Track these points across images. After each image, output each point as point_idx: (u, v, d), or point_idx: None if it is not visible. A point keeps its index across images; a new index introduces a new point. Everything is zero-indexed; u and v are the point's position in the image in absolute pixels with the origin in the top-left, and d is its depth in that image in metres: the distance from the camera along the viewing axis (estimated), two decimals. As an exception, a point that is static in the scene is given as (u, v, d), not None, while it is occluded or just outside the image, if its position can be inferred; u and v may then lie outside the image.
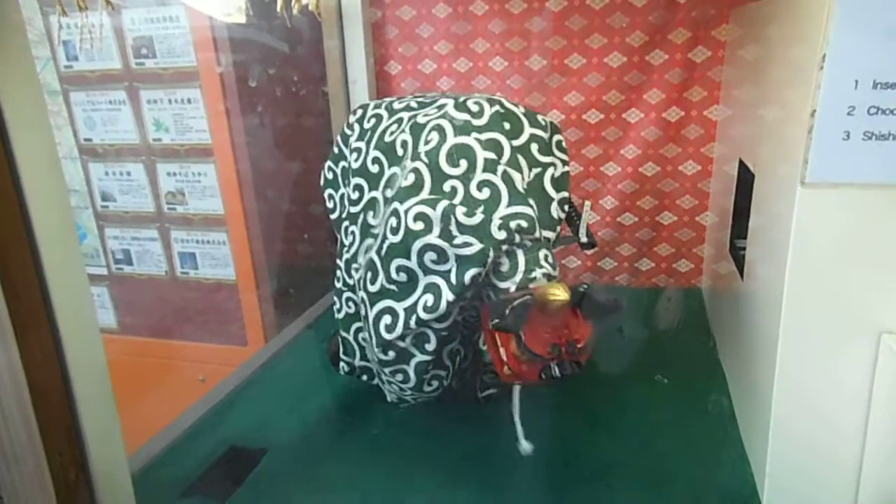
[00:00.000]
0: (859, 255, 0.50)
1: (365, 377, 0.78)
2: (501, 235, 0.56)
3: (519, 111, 0.64)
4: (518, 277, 0.56)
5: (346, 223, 0.73)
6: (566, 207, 0.64)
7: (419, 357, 0.64)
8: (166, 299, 1.49)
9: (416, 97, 0.71)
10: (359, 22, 1.12)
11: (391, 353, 0.64)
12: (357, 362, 0.77)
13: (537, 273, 0.57)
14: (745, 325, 0.72)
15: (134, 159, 1.40)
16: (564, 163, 0.65)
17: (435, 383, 0.68)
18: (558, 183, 0.64)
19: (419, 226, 0.57)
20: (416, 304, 0.60)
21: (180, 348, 1.48)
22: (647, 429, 0.73)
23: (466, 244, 0.56)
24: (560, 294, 0.54)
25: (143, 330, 1.52)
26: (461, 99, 0.63)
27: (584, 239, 0.68)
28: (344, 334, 0.77)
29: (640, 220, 1.13)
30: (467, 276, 0.56)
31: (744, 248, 0.75)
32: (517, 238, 0.57)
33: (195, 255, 1.44)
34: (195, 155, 1.34)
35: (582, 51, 1.05)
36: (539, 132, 0.63)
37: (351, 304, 0.75)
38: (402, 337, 0.62)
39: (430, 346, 0.63)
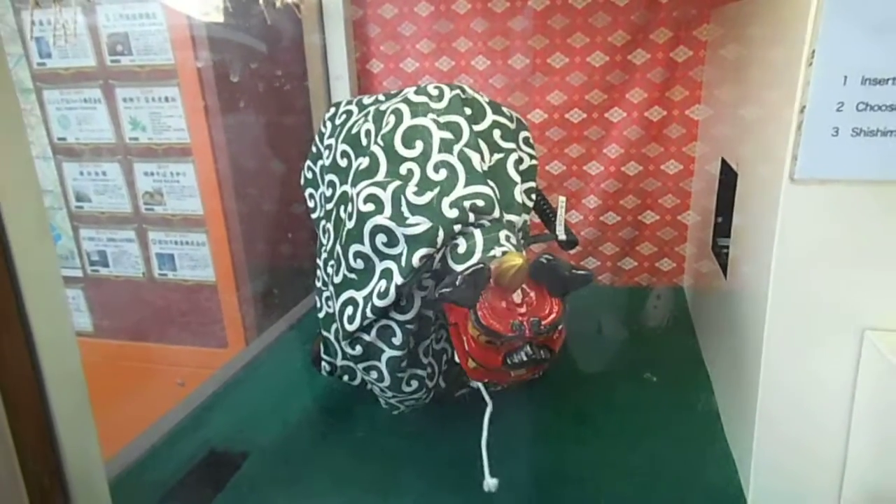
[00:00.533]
0: (844, 252, 0.51)
1: (347, 377, 0.77)
2: (453, 214, 0.54)
3: (482, 99, 0.62)
4: (476, 257, 0.53)
5: (323, 221, 0.72)
6: (534, 196, 0.62)
7: (389, 352, 0.61)
8: (144, 301, 1.46)
9: (390, 93, 0.70)
10: (340, 19, 1.10)
11: (358, 348, 0.61)
12: (339, 362, 0.76)
13: (496, 251, 0.53)
14: (729, 323, 0.73)
15: (110, 159, 1.38)
16: (532, 157, 0.63)
17: (415, 384, 0.65)
18: (525, 173, 0.61)
19: (369, 207, 0.55)
20: (372, 291, 0.58)
21: (158, 351, 1.46)
22: (632, 428, 0.73)
23: (416, 224, 0.54)
24: (515, 260, 0.49)
25: (119, 333, 1.49)
26: (422, 85, 0.62)
27: (561, 236, 0.65)
28: (325, 334, 0.76)
29: (622, 219, 1.13)
30: (416, 257, 0.54)
31: (727, 247, 0.75)
32: (472, 217, 0.54)
33: (174, 256, 1.41)
34: (173, 154, 1.32)
35: (564, 50, 1.05)
36: (503, 120, 0.61)
37: (331, 303, 0.74)
38: (363, 329, 0.60)
39: (398, 341, 0.60)
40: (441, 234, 0.54)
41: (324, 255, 0.72)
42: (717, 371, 0.79)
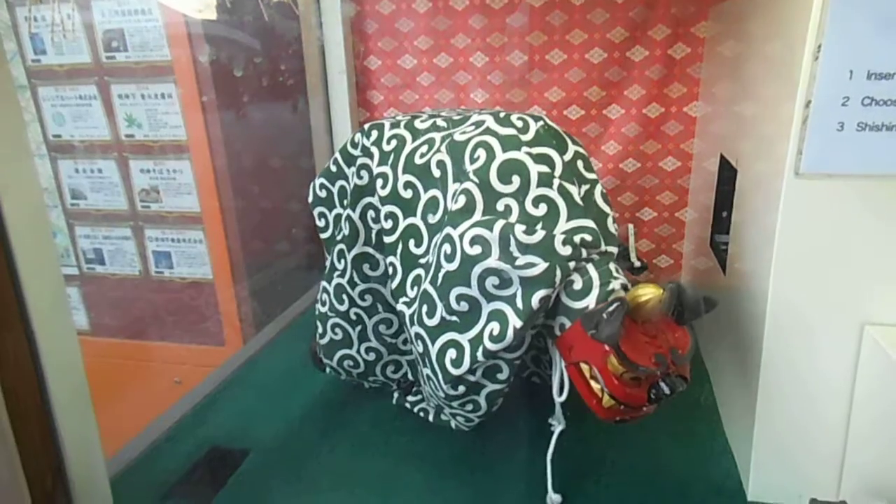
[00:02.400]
0: (844, 247, 0.51)
1: (347, 375, 0.77)
2: (567, 251, 0.52)
3: (560, 129, 0.61)
4: (595, 292, 0.52)
5: (340, 245, 0.70)
6: (616, 223, 0.61)
7: (491, 387, 0.60)
8: (140, 299, 1.46)
9: (438, 114, 0.67)
10: (338, 16, 1.10)
11: (461, 388, 0.60)
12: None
13: (614, 284, 0.52)
14: (728, 319, 0.73)
15: (105, 156, 1.37)
16: (598, 182, 0.62)
17: (500, 400, 0.63)
18: (607, 199, 0.60)
19: (476, 250, 0.53)
20: (481, 333, 0.55)
21: (155, 349, 1.45)
22: (631, 424, 0.73)
23: (530, 264, 0.52)
24: (652, 292, 0.48)
25: (116, 331, 1.49)
26: (501, 115, 0.60)
27: (636, 263, 0.64)
28: (326, 361, 0.76)
29: (620, 215, 1.13)
30: (535, 300, 0.52)
31: (725, 244, 0.76)
32: (584, 253, 0.53)
33: (170, 253, 1.41)
34: (170, 151, 1.32)
35: (563, 46, 1.05)
36: (580, 149, 0.60)
37: (338, 330, 0.73)
38: (471, 371, 0.57)
39: (503, 376, 0.59)
40: (559, 273, 0.52)
41: (337, 281, 0.71)
42: (716, 367, 0.80)
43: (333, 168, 0.72)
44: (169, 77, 1.26)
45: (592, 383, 0.53)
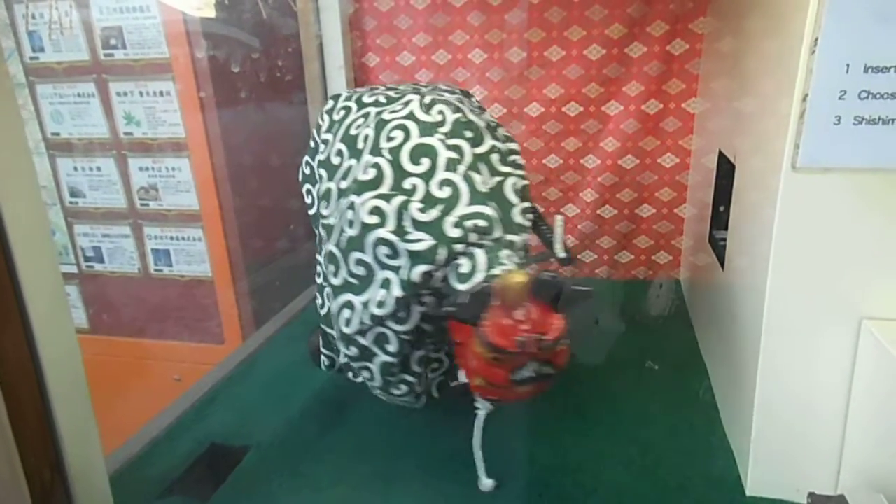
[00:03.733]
0: (842, 241, 0.51)
1: (350, 374, 0.77)
2: (456, 233, 0.55)
3: (480, 123, 0.63)
4: (479, 277, 0.54)
5: (322, 218, 0.72)
6: (531, 216, 0.63)
7: (382, 357, 0.62)
8: (139, 297, 1.45)
9: (387, 90, 0.70)
10: (336, 13, 1.10)
11: (353, 349, 0.63)
12: (340, 358, 0.76)
13: (498, 271, 0.54)
14: (727, 315, 0.73)
15: (104, 154, 1.37)
16: (522, 177, 0.64)
17: (404, 388, 0.66)
18: (520, 193, 0.62)
19: (374, 219, 0.57)
20: (370, 299, 0.59)
21: (154, 347, 1.45)
22: (631, 419, 0.74)
23: (418, 240, 0.55)
24: (519, 277, 0.50)
25: (115, 329, 1.49)
26: (427, 100, 0.62)
27: (560, 254, 0.66)
28: (327, 329, 0.76)
29: (619, 212, 1.13)
30: (416, 273, 0.55)
31: (724, 239, 0.76)
32: (474, 237, 0.55)
33: (169, 251, 1.41)
34: (168, 149, 1.32)
35: (561, 43, 1.05)
36: (499, 144, 0.62)
37: (329, 299, 0.74)
38: (360, 333, 0.61)
39: (392, 349, 0.61)
40: (443, 251, 0.54)
41: (323, 251, 0.72)
42: (715, 362, 0.80)
43: (312, 144, 0.74)
44: (167, 74, 1.26)
45: (471, 360, 0.55)
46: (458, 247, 0.55)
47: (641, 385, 0.81)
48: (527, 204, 0.62)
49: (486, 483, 0.62)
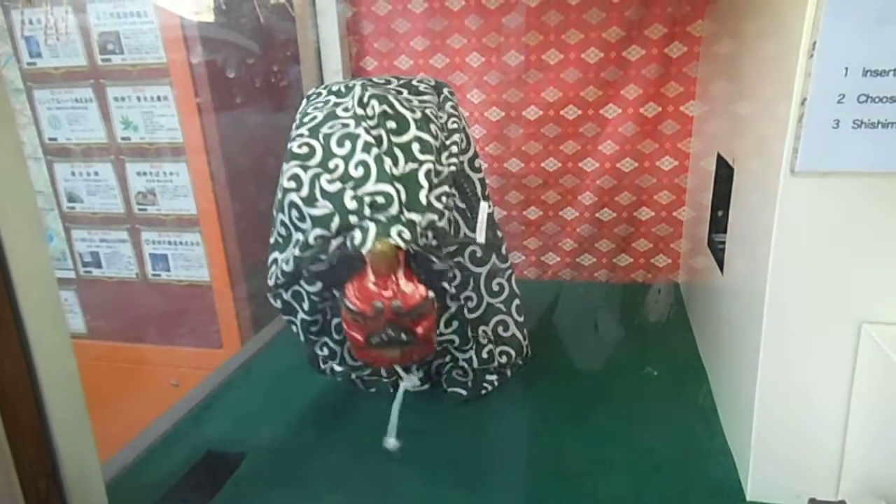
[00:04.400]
0: (842, 245, 0.51)
1: (341, 377, 0.77)
2: (352, 205, 0.60)
3: (409, 115, 0.66)
4: (367, 247, 0.58)
5: None
6: (444, 199, 0.65)
7: (301, 314, 0.71)
8: (137, 302, 1.45)
9: (356, 83, 0.72)
10: (333, 17, 1.10)
11: (279, 302, 0.71)
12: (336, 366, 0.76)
13: (382, 241, 0.59)
14: (726, 319, 0.73)
15: (102, 159, 1.37)
16: (452, 165, 0.67)
17: (326, 350, 0.74)
18: (436, 178, 0.65)
19: (291, 185, 0.63)
20: (288, 258, 0.66)
21: (152, 352, 1.45)
22: (630, 423, 0.73)
23: (320, 207, 0.61)
24: (384, 247, 0.55)
25: (113, 334, 1.48)
26: (366, 95, 0.66)
27: (479, 239, 0.70)
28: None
29: (618, 215, 1.13)
30: (312, 236, 0.61)
31: (723, 243, 0.75)
32: (368, 211, 0.59)
33: (167, 256, 1.40)
34: (166, 154, 1.31)
35: (559, 46, 1.05)
36: (426, 137, 0.66)
37: None
38: (283, 287, 0.69)
39: (306, 307, 0.69)
40: (337, 219, 0.60)
41: None
42: (715, 366, 0.80)
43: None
44: (165, 79, 1.26)
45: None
46: (353, 218, 0.59)
47: (641, 389, 0.80)
48: (443, 189, 0.65)
49: (391, 442, 0.65)
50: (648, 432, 0.71)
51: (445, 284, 0.66)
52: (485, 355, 0.75)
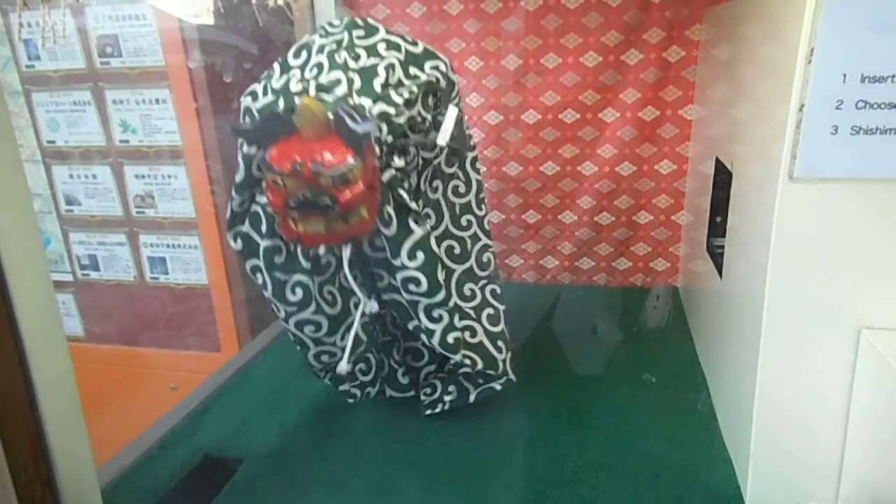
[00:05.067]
0: (841, 251, 0.51)
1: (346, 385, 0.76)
2: (297, 88, 0.60)
3: (382, 28, 0.65)
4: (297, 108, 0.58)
5: None
6: (405, 94, 0.62)
7: (262, 243, 0.63)
8: (135, 305, 1.45)
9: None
10: (332, 20, 1.10)
11: (239, 241, 0.65)
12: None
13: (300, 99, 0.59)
14: (725, 323, 0.73)
15: (100, 162, 1.37)
16: (434, 76, 0.66)
17: (299, 292, 0.64)
18: (404, 77, 0.63)
19: (247, 100, 0.64)
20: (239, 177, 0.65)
21: (150, 355, 1.45)
22: (628, 429, 0.73)
23: (270, 94, 0.62)
24: (307, 100, 0.53)
25: (110, 337, 1.48)
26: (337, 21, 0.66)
27: (441, 142, 0.65)
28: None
29: (616, 219, 1.13)
30: (254, 106, 0.62)
31: (722, 247, 0.75)
32: (314, 93, 0.59)
33: (165, 259, 1.40)
34: (165, 157, 1.31)
35: (557, 50, 1.05)
36: (396, 40, 0.65)
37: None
38: (235, 216, 0.65)
39: (265, 228, 0.63)
40: (281, 102, 0.60)
41: None
42: (713, 371, 0.79)
43: None
44: (163, 82, 1.26)
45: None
46: (297, 99, 0.58)
47: (639, 394, 0.80)
48: (410, 90, 0.62)
49: (343, 366, 0.64)
50: (647, 437, 0.71)
51: (403, 192, 0.61)
52: (450, 340, 0.67)
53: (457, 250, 0.72)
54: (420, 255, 0.63)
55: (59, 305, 1.47)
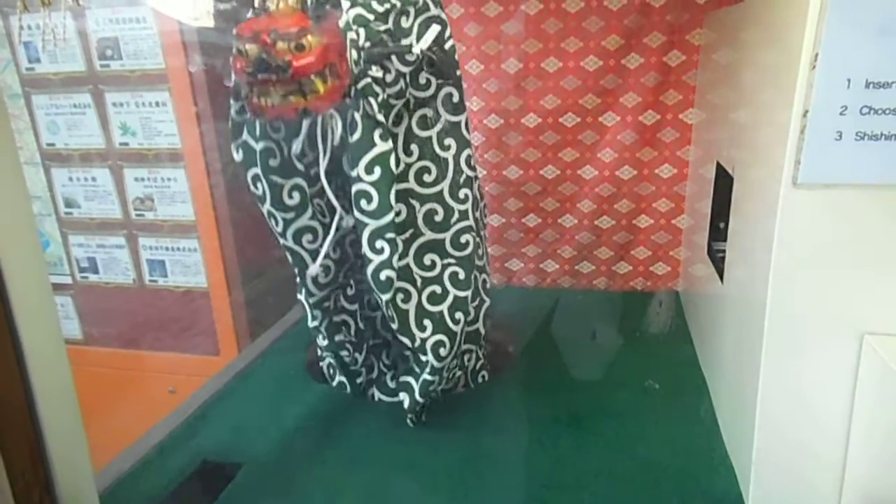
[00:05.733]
0: (843, 256, 0.50)
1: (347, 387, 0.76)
2: None
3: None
4: None
5: None
6: (386, 4, 0.62)
7: (259, 145, 0.65)
8: (134, 308, 1.44)
9: None
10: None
11: (240, 153, 0.67)
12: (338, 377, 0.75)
13: None
14: (726, 328, 0.73)
15: (100, 164, 1.36)
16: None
17: (297, 196, 0.66)
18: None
19: None
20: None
21: (148, 359, 1.44)
22: (630, 434, 0.73)
23: None
24: None
25: (109, 340, 1.48)
26: None
27: (416, 48, 0.64)
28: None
29: (617, 223, 1.13)
30: None
31: (723, 251, 0.75)
32: None
33: (164, 262, 1.40)
34: (164, 159, 1.31)
35: (558, 54, 1.05)
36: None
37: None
38: (236, 125, 0.67)
39: (258, 132, 0.64)
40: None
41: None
42: (715, 376, 0.79)
43: None
44: (163, 85, 1.26)
45: None
46: None
47: (640, 399, 0.80)
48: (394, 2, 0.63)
49: (313, 269, 0.67)
50: (648, 443, 0.71)
51: (373, 102, 0.61)
52: (383, 277, 0.64)
53: (428, 180, 0.69)
54: (377, 171, 0.62)
55: (58, 308, 1.47)
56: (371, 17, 0.60)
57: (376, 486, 0.66)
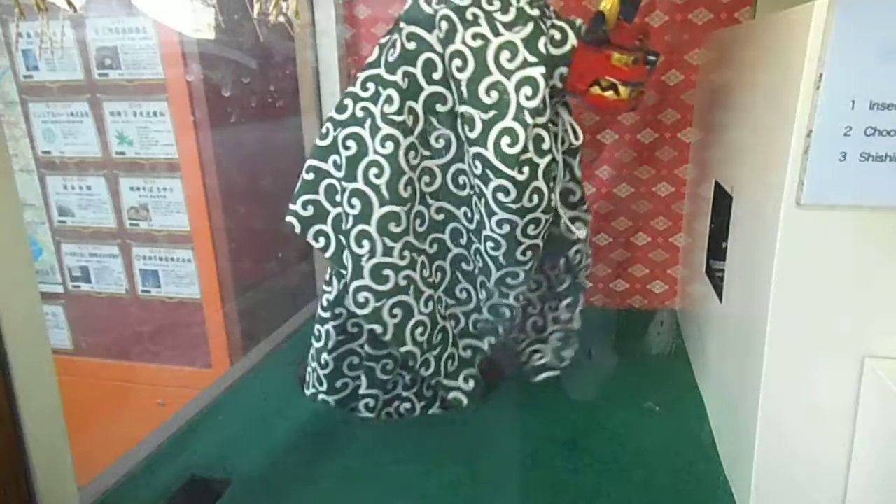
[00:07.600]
0: (845, 278, 0.50)
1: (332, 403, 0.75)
2: (535, 13, 0.65)
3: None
4: (572, 33, 0.66)
5: None
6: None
7: None
8: (126, 319, 1.43)
9: None
10: (333, 38, 1.10)
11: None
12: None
13: (574, 22, 0.67)
14: (725, 348, 0.72)
15: (95, 173, 1.36)
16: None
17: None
18: None
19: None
20: None
21: (139, 370, 1.42)
22: (627, 456, 0.72)
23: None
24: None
25: (99, 351, 1.46)
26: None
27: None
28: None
29: (614, 240, 1.12)
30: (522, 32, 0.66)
31: (721, 271, 0.75)
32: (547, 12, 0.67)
33: (158, 272, 1.39)
34: (161, 169, 1.30)
35: (557, 71, 1.05)
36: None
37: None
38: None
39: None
40: (531, 25, 0.65)
41: None
42: (713, 396, 0.78)
43: None
44: (162, 95, 1.25)
45: (607, 95, 0.66)
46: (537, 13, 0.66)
47: (636, 420, 0.79)
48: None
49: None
50: (647, 467, 0.70)
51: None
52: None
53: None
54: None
55: (49, 317, 1.45)
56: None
57: (368, 505, 0.65)
